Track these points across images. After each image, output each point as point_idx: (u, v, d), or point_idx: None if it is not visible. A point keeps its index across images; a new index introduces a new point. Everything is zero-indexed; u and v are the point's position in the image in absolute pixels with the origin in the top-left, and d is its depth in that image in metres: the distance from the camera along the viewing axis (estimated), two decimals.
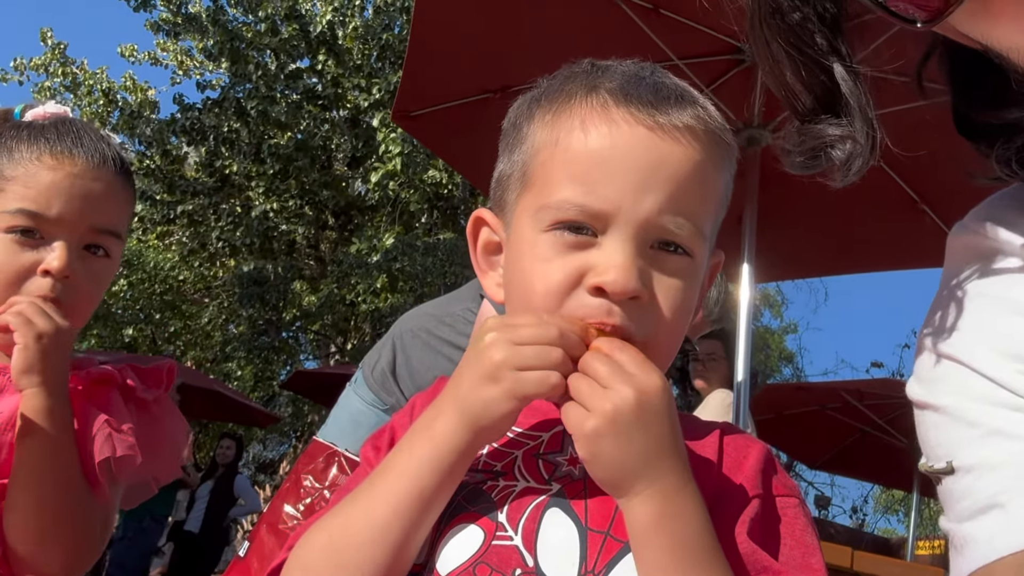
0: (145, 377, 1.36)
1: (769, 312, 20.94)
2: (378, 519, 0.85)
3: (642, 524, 0.80)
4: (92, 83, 13.06)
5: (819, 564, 0.86)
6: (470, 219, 1.03)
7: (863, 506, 17.48)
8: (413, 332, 3.06)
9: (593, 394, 0.80)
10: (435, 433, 0.86)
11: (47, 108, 1.39)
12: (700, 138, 0.90)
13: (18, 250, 1.24)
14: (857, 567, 3.31)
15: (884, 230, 4.48)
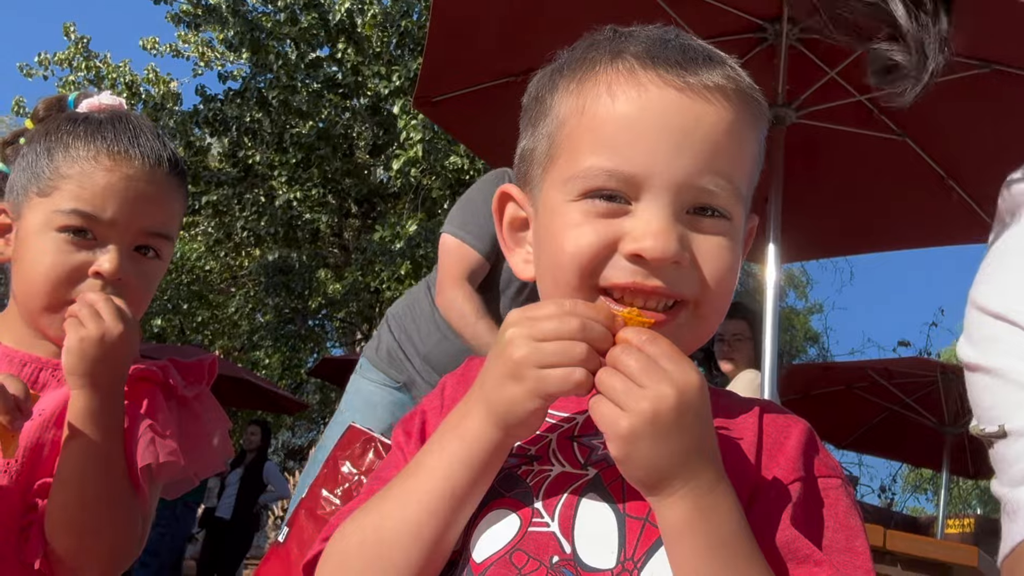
0: (187, 373, 1.36)
1: (794, 293, 20.81)
2: (412, 518, 0.83)
3: (675, 524, 0.78)
4: (115, 76, 13.14)
5: (863, 547, 0.84)
6: (495, 195, 1.00)
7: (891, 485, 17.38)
8: (400, 313, 3.18)
9: (628, 392, 0.76)
10: (465, 432, 0.84)
11: (102, 99, 1.38)
12: (732, 98, 0.87)
13: (71, 250, 1.24)
14: (890, 546, 3.30)
15: (910, 207, 4.44)
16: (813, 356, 19.49)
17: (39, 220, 1.26)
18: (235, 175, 12.66)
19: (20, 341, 1.30)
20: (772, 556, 0.80)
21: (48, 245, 1.24)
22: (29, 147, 1.33)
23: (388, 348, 3.11)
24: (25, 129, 1.40)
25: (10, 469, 1.20)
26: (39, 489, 1.21)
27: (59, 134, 1.30)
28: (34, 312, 1.27)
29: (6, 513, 1.19)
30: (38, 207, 1.27)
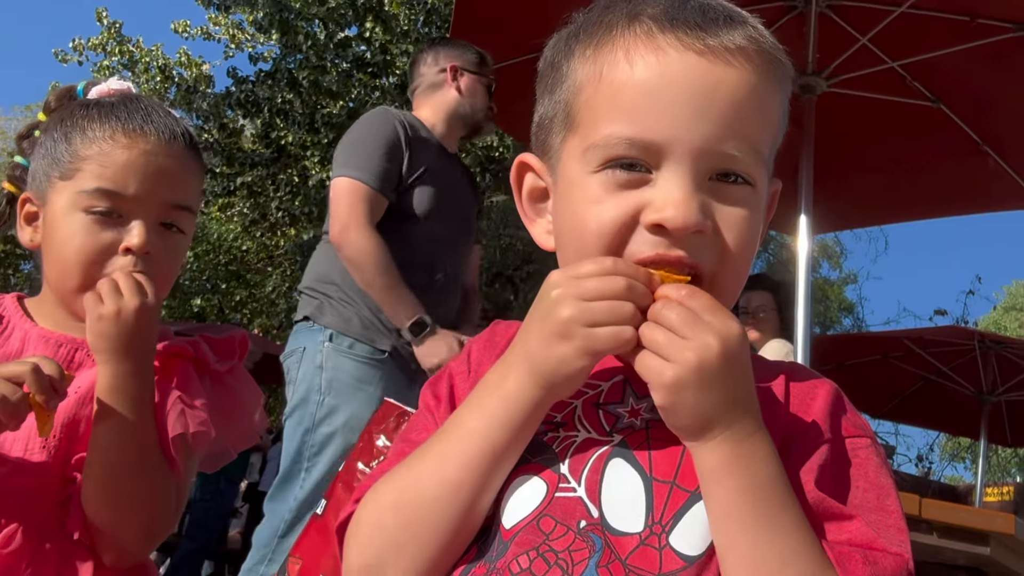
0: (218, 348, 1.39)
1: (828, 263, 20.52)
2: (449, 478, 0.84)
3: (713, 467, 0.78)
4: (148, 60, 13.23)
5: (894, 505, 0.84)
6: (513, 165, 0.98)
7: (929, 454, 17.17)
8: (340, 275, 2.97)
9: (672, 344, 0.77)
10: (506, 392, 0.84)
11: (110, 84, 1.41)
12: (754, 59, 0.85)
13: (98, 230, 1.27)
14: (925, 514, 3.29)
15: (945, 175, 4.39)
16: (848, 327, 19.26)
17: (64, 203, 1.29)
18: (268, 156, 12.74)
19: (56, 323, 1.33)
20: (805, 512, 0.80)
21: (76, 226, 1.27)
22: (46, 135, 1.36)
23: (360, 316, 2.94)
24: (39, 122, 1.43)
25: (48, 445, 1.23)
26: (77, 464, 1.24)
27: (74, 119, 1.33)
28: (68, 293, 1.30)
29: (47, 487, 1.23)
30: (62, 191, 1.30)
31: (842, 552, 0.79)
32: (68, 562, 1.21)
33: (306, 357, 2.90)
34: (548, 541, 0.82)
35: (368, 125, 3.03)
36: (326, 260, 3.02)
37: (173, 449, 1.25)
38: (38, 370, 1.11)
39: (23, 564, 1.17)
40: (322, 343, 2.91)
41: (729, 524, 0.78)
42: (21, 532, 1.18)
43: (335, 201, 2.88)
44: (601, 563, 0.80)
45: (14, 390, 1.10)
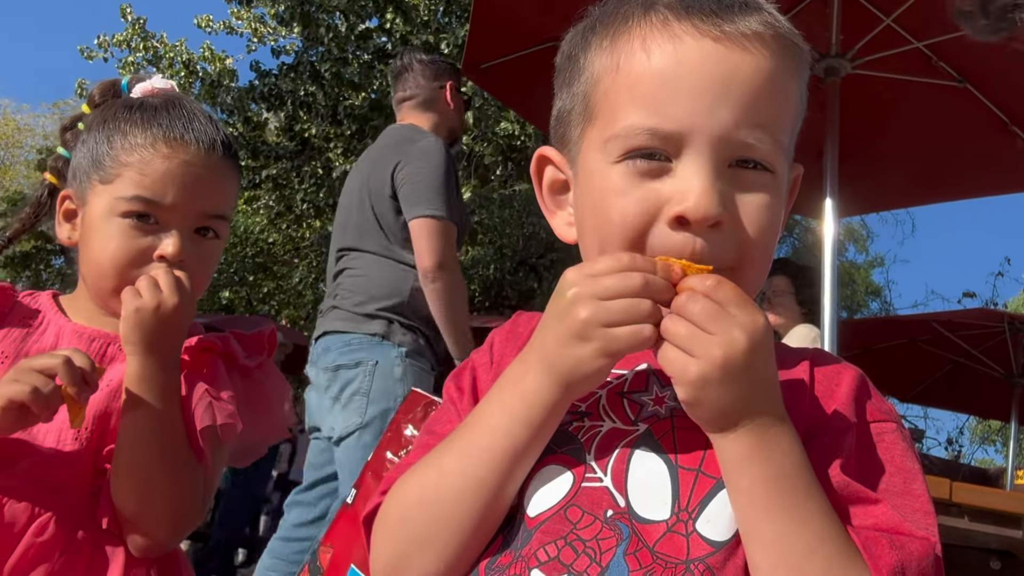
0: (247, 343, 1.41)
1: (854, 247, 20.31)
2: (473, 475, 0.84)
3: (736, 457, 0.78)
4: (173, 55, 13.36)
5: (921, 489, 0.83)
6: (533, 158, 0.99)
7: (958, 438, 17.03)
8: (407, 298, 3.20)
9: (696, 339, 0.76)
10: (525, 390, 0.84)
11: (155, 83, 1.44)
12: (771, 45, 0.85)
13: (135, 235, 1.30)
14: (956, 498, 3.27)
15: (972, 155, 4.32)
16: (875, 310, 19.07)
17: (103, 206, 1.31)
18: (293, 149, 12.81)
19: (90, 318, 1.36)
20: (830, 498, 0.80)
21: (113, 231, 1.30)
22: (89, 134, 1.38)
23: (423, 339, 3.16)
24: (83, 114, 1.45)
25: (81, 436, 1.26)
26: (108, 455, 1.26)
27: (116, 122, 1.35)
28: (103, 294, 1.33)
29: (79, 478, 1.26)
30: (102, 194, 1.32)
31: (868, 537, 0.78)
32: (100, 550, 1.24)
33: (380, 370, 3.04)
34: (576, 530, 0.82)
35: (440, 163, 3.18)
36: (392, 283, 3.15)
37: (201, 441, 1.27)
38: (70, 363, 1.14)
39: (56, 552, 1.20)
40: (397, 358, 3.07)
41: (753, 513, 0.78)
42: (54, 521, 1.21)
43: (430, 237, 3.04)
44: (628, 551, 0.80)
45: (46, 382, 1.14)
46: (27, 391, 1.12)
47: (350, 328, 3.13)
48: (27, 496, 1.21)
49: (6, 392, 1.14)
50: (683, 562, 0.79)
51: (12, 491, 1.21)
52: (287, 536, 3.19)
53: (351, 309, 3.17)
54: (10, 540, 1.18)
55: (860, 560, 0.77)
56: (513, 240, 11.80)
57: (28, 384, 1.13)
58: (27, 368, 1.15)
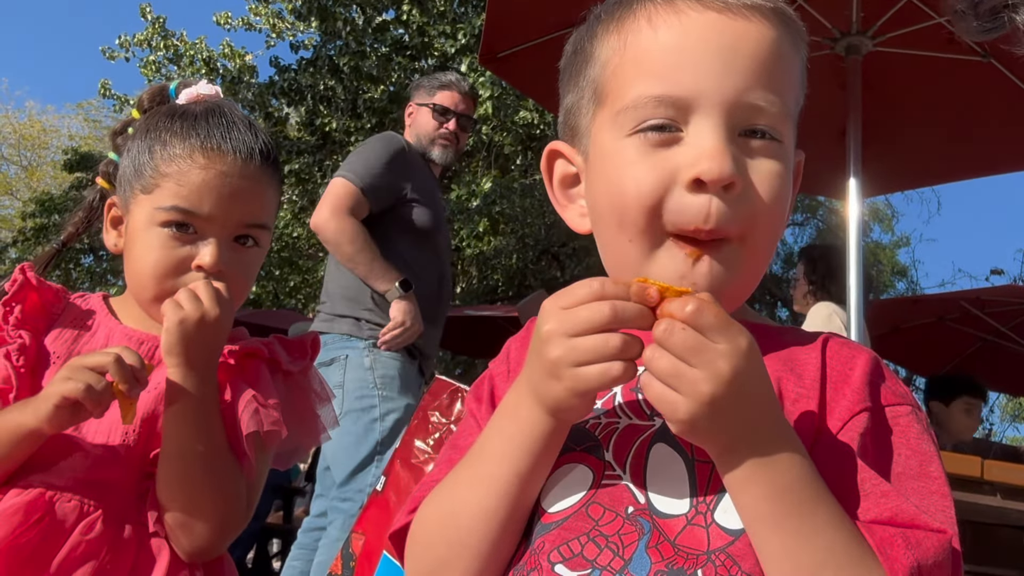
0: (291, 349, 1.42)
1: (879, 227, 20.08)
2: (483, 504, 0.86)
3: (736, 478, 0.77)
4: (193, 53, 13.46)
5: (937, 471, 0.83)
6: (543, 154, 1.00)
7: (989, 416, 16.84)
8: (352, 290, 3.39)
9: (680, 375, 0.74)
10: (520, 420, 0.85)
11: (200, 89, 1.45)
12: (770, 17, 0.87)
13: (174, 244, 1.31)
14: (987, 476, 3.24)
15: (997, 131, 4.26)
16: (902, 290, 18.84)
17: (144, 216, 1.33)
18: (314, 143, 12.88)
19: (138, 322, 1.39)
20: (843, 489, 0.80)
21: (153, 240, 1.32)
22: (133, 141, 1.40)
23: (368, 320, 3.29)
24: (133, 119, 1.47)
25: (128, 438, 1.28)
26: (155, 458, 1.28)
27: (158, 131, 1.36)
28: (144, 302, 1.35)
29: (126, 478, 1.28)
30: (143, 204, 1.34)
31: (883, 538, 0.77)
32: (146, 549, 1.27)
33: (351, 363, 3.23)
34: (598, 527, 0.83)
35: (377, 141, 3.49)
36: (356, 286, 3.33)
37: (246, 446, 1.29)
38: (121, 360, 1.17)
39: (103, 550, 1.22)
40: (365, 349, 3.26)
41: (759, 528, 0.77)
42: (102, 520, 1.24)
43: (326, 195, 3.30)
44: (651, 544, 0.81)
45: (99, 379, 1.16)
46: (81, 388, 1.15)
47: (325, 328, 3.33)
48: (75, 496, 1.24)
49: (60, 390, 1.16)
50: (704, 553, 0.80)
51: (60, 488, 1.23)
52: (308, 527, 3.37)
53: (326, 311, 3.40)
54: (59, 536, 1.21)
55: (875, 563, 0.76)
56: (535, 229, 11.80)
57: (82, 382, 1.15)
58: (79, 366, 1.18)
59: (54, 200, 13.35)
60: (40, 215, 13.20)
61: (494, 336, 5.50)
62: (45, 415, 1.17)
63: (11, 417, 1.20)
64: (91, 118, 22.67)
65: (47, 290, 1.38)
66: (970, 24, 0.80)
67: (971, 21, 0.80)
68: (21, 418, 1.19)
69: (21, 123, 23.83)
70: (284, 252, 13.00)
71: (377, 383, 3.19)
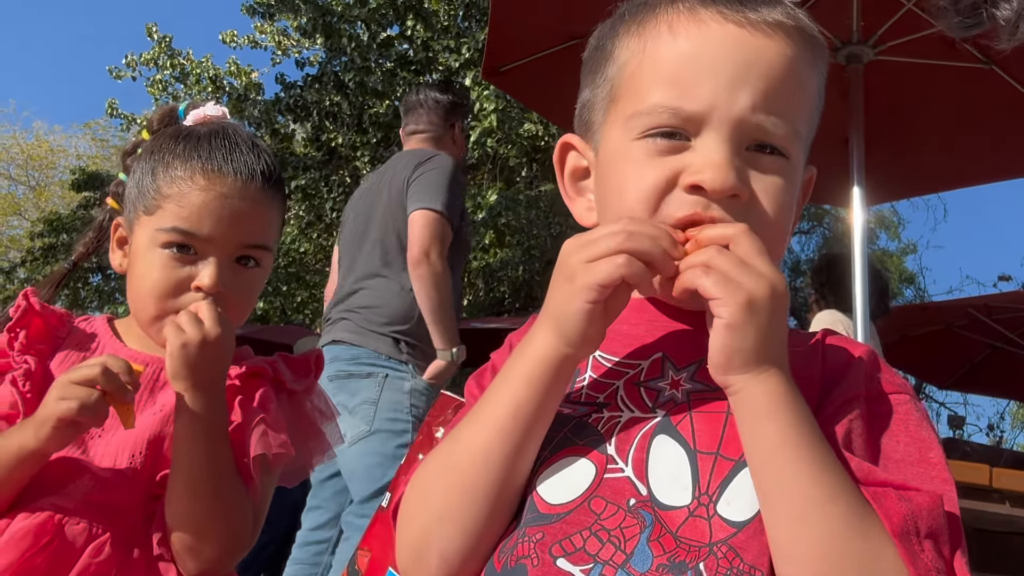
0: (294, 367, 1.42)
1: (886, 234, 20.02)
2: (482, 439, 0.86)
3: (766, 400, 0.79)
4: (199, 72, 13.54)
5: (938, 457, 0.84)
6: (556, 145, 1.01)
7: (999, 423, 16.73)
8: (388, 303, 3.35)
9: (744, 271, 0.79)
10: (528, 349, 0.87)
11: (207, 111, 1.46)
12: (792, 35, 0.88)
13: (174, 265, 1.32)
14: (996, 484, 3.23)
15: (1002, 137, 4.25)
16: (910, 297, 18.75)
17: (146, 237, 1.34)
18: (320, 159, 12.92)
19: (143, 343, 1.40)
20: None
21: (154, 261, 1.33)
22: (139, 162, 1.41)
23: (427, 357, 3.28)
24: (142, 140, 1.48)
25: (135, 460, 1.29)
26: (162, 480, 1.29)
27: (161, 153, 1.38)
28: (144, 322, 1.36)
29: (134, 500, 1.28)
30: (145, 225, 1.35)
31: (876, 491, 0.79)
32: (154, 570, 1.27)
33: (390, 383, 3.19)
34: (600, 520, 0.84)
35: (449, 170, 3.39)
36: (405, 307, 3.28)
37: (253, 469, 1.29)
38: (108, 370, 1.18)
39: (112, 572, 1.23)
40: (407, 373, 3.23)
41: (779, 458, 0.78)
42: (110, 542, 1.24)
43: (422, 229, 3.21)
44: (652, 537, 0.81)
45: (90, 393, 1.17)
46: (75, 407, 1.16)
47: (358, 342, 3.27)
48: (83, 518, 1.24)
49: (54, 412, 1.17)
50: (707, 545, 0.80)
51: (69, 512, 1.24)
52: (305, 541, 3.31)
53: (361, 324, 3.30)
54: (69, 559, 1.21)
55: (872, 510, 0.77)
56: (541, 241, 11.80)
57: (74, 400, 1.16)
58: (68, 383, 1.18)
59: (62, 220, 13.41)
60: (48, 235, 13.26)
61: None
62: (46, 437, 1.18)
63: (13, 439, 1.21)
64: (98, 137, 22.83)
65: (51, 314, 1.39)
66: (951, 20, 0.82)
67: (952, 17, 0.81)
68: (23, 440, 1.20)
69: (29, 143, 23.98)
70: (291, 268, 13.03)
71: (412, 410, 3.18)
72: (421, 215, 3.22)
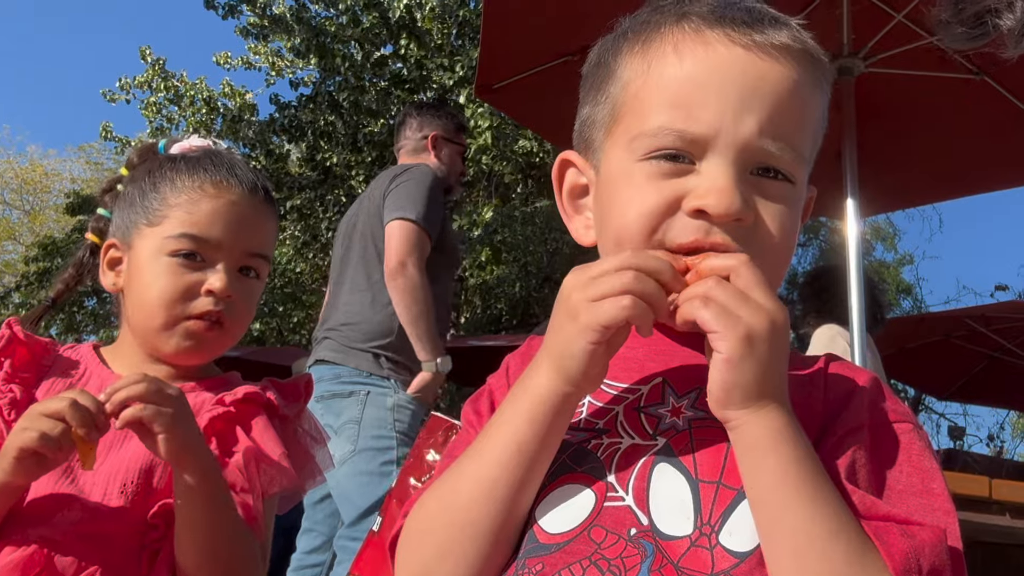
0: (285, 392, 1.42)
1: (882, 245, 20.06)
2: (484, 478, 0.85)
3: (766, 435, 0.78)
4: (193, 94, 13.56)
5: (940, 488, 0.83)
6: (555, 162, 1.00)
7: (1000, 433, 16.73)
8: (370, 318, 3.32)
9: (729, 314, 0.77)
10: (529, 385, 0.85)
11: (192, 142, 1.49)
12: (798, 58, 0.87)
13: (182, 272, 1.34)
14: (996, 495, 3.22)
15: (994, 147, 4.27)
16: (907, 309, 18.78)
17: (151, 247, 1.36)
18: (315, 178, 12.93)
19: (132, 369, 1.37)
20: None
21: (161, 269, 1.34)
22: (132, 187, 1.43)
23: (411, 371, 3.25)
24: (121, 176, 1.50)
25: (127, 491, 1.27)
26: (160, 511, 1.27)
27: (162, 171, 1.41)
28: (151, 332, 1.36)
29: (125, 532, 1.26)
30: (148, 236, 1.37)
31: (879, 526, 0.78)
32: None
33: (372, 399, 3.16)
34: (600, 550, 0.82)
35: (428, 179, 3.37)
36: (384, 321, 3.26)
37: (255, 506, 1.28)
38: (76, 404, 1.15)
39: None
40: (390, 388, 3.20)
41: (780, 494, 0.77)
42: (100, 574, 1.22)
43: (397, 238, 3.18)
44: (653, 567, 0.80)
45: (54, 426, 1.14)
46: (35, 437, 1.13)
47: (339, 360, 3.25)
48: (72, 550, 1.22)
49: (16, 442, 1.15)
50: (708, 575, 0.79)
51: (56, 544, 1.21)
52: (300, 564, 3.28)
53: (342, 341, 3.29)
54: None
55: (873, 547, 0.76)
56: (537, 257, 11.81)
57: (36, 430, 1.14)
58: (36, 414, 1.16)
59: (57, 244, 13.37)
60: (43, 259, 13.23)
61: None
62: (9, 468, 1.16)
63: None
64: (93, 161, 22.82)
65: (35, 343, 1.38)
66: (955, 32, 0.81)
67: (956, 29, 0.81)
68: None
69: (23, 168, 24.00)
70: (287, 288, 13.01)
71: (396, 425, 3.15)
72: (396, 225, 3.21)
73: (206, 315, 1.35)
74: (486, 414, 0.99)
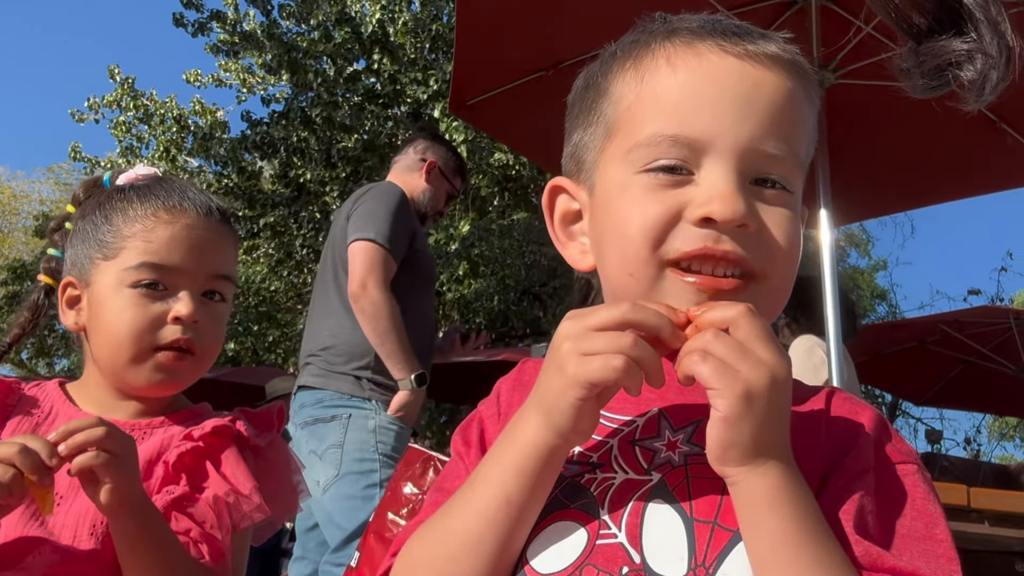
0: (256, 422, 1.39)
1: (856, 252, 20.27)
2: (472, 530, 0.83)
3: (765, 494, 0.76)
4: (163, 112, 13.44)
5: (943, 534, 0.81)
6: (545, 189, 0.99)
7: (976, 436, 16.91)
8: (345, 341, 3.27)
9: (743, 357, 0.75)
10: (518, 437, 0.83)
11: (138, 171, 1.46)
12: (789, 68, 0.88)
13: (146, 303, 1.31)
14: (975, 503, 3.23)
15: (964, 155, 4.33)
16: (883, 314, 18.97)
17: (110, 281, 1.32)
18: (288, 195, 12.86)
19: (99, 406, 1.35)
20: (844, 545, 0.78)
21: (124, 301, 1.31)
22: (83, 223, 1.40)
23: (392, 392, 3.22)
24: (69, 214, 1.47)
25: (97, 532, 1.24)
26: None
27: (112, 203, 1.38)
28: (119, 366, 1.32)
29: (98, 574, 1.22)
30: (106, 270, 1.33)
31: None
32: None
33: (353, 423, 3.12)
34: None
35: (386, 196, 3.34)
36: (362, 342, 3.21)
37: (223, 542, 1.25)
38: (26, 450, 1.10)
39: None
40: (371, 410, 3.16)
41: (780, 555, 0.75)
42: None
43: (360, 259, 3.15)
44: None
45: (4, 471, 1.09)
46: None
47: (321, 384, 3.23)
48: None
49: None
50: None
51: None
52: None
53: (323, 366, 3.27)
54: None
55: None
56: (515, 270, 11.80)
57: None
58: None
59: (26, 267, 13.21)
60: (12, 283, 13.05)
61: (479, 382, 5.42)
62: None
63: None
64: (62, 182, 22.59)
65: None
66: (916, 82, 0.82)
67: (917, 79, 0.81)
68: None
69: None
70: (262, 307, 12.91)
71: (378, 447, 3.11)
72: (356, 247, 3.19)
73: (175, 343, 1.32)
74: (475, 443, 0.97)
